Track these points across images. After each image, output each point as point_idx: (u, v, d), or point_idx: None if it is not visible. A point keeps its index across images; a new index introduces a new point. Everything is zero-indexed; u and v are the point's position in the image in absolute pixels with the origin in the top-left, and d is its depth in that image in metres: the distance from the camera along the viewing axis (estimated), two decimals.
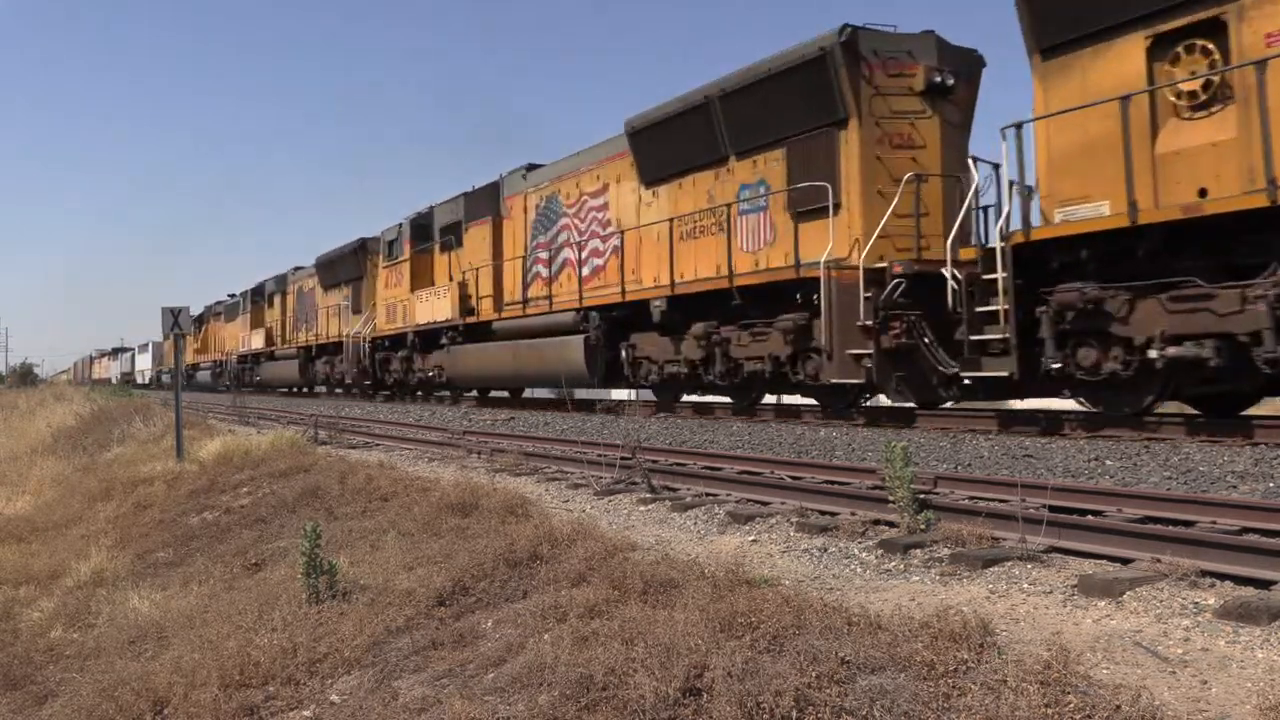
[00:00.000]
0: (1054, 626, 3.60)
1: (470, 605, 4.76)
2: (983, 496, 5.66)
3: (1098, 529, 4.66)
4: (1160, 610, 3.65)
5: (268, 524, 8.49)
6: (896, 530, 5.14)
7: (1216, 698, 2.85)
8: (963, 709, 2.76)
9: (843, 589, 4.30)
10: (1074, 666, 2.91)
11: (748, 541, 5.44)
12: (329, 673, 4.43)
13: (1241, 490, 6.06)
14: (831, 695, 2.94)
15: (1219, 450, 7.68)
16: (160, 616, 6.62)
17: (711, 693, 3.08)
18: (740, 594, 3.86)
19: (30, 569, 9.91)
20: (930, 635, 3.22)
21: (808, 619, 3.49)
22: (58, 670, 6.41)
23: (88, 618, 7.59)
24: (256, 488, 10.18)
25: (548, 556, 5.03)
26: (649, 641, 3.48)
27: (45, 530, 12.31)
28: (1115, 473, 6.94)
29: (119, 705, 4.82)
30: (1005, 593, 4.08)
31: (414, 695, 3.86)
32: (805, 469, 7.31)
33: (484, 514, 6.32)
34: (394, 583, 5.23)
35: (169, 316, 14.14)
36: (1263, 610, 3.43)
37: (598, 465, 8.07)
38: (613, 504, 6.92)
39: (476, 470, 9.07)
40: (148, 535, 10.09)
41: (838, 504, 5.91)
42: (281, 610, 5.26)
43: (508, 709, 3.44)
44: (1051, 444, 8.69)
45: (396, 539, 6.26)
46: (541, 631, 4.03)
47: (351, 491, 8.42)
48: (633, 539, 5.48)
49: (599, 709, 3.22)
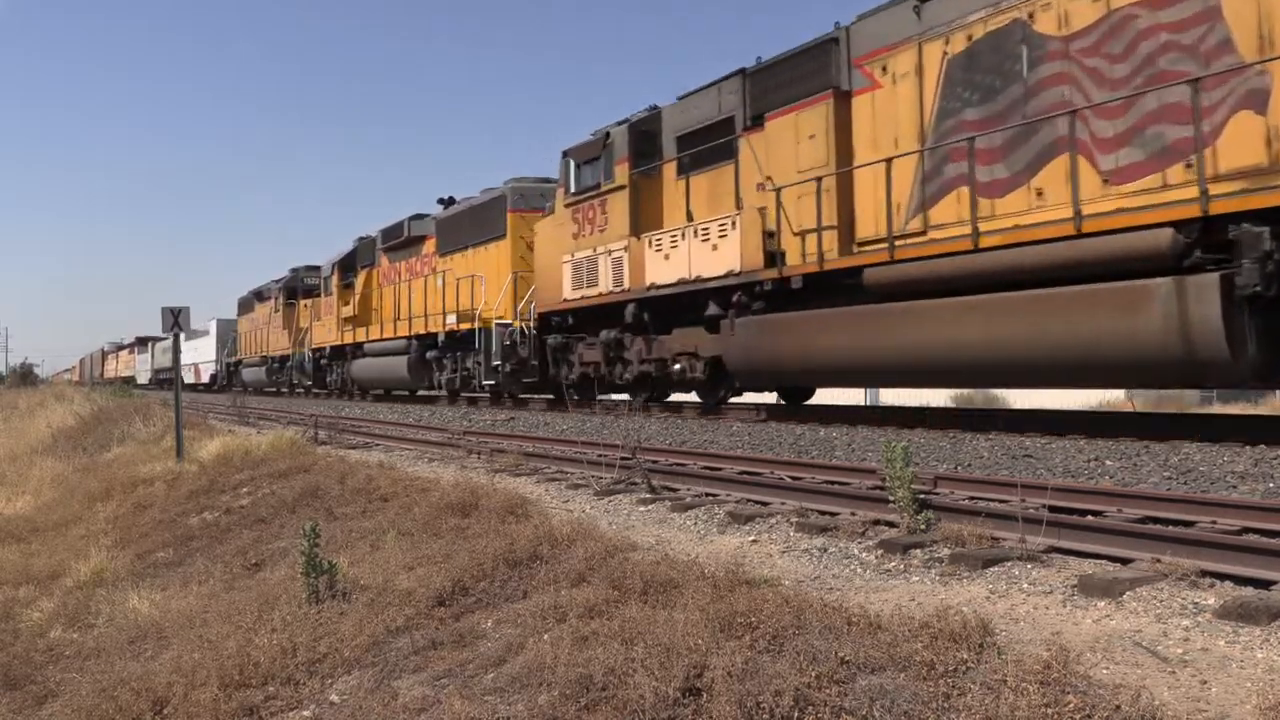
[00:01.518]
0: (1054, 626, 3.60)
1: (470, 605, 4.77)
2: (983, 496, 5.66)
3: (1098, 529, 4.66)
4: (1160, 610, 3.65)
5: (268, 524, 8.50)
6: (896, 530, 5.14)
7: (1216, 698, 2.85)
8: (962, 709, 2.76)
9: (843, 589, 4.30)
10: (1074, 666, 2.91)
11: (748, 541, 5.44)
12: (329, 673, 4.43)
13: (1241, 490, 6.06)
14: (831, 695, 2.94)
15: (1219, 450, 7.68)
16: (160, 616, 6.62)
17: (711, 693, 3.09)
18: (740, 594, 3.86)
19: (30, 569, 9.92)
20: (930, 635, 3.22)
21: (808, 619, 3.49)
22: (57, 670, 6.40)
23: (87, 618, 7.59)
24: (256, 488, 10.19)
25: (548, 556, 5.03)
26: (649, 641, 3.48)
27: (45, 530, 12.32)
28: (1115, 473, 6.94)
29: (119, 705, 4.82)
30: (1005, 593, 4.08)
31: (414, 695, 3.87)
32: (805, 469, 7.31)
33: (484, 514, 6.32)
34: (394, 583, 5.23)
35: (169, 316, 14.14)
36: (1263, 610, 3.43)
37: (598, 465, 8.07)
38: (612, 504, 6.92)
39: (476, 470, 9.08)
40: (147, 535, 10.10)
41: (838, 504, 5.91)
42: (281, 610, 5.26)
43: (508, 709, 3.44)
44: (1051, 444, 8.69)
45: (396, 539, 6.26)
46: (541, 631, 4.03)
47: (351, 491, 8.43)
48: (633, 539, 5.49)
49: (599, 709, 3.22)
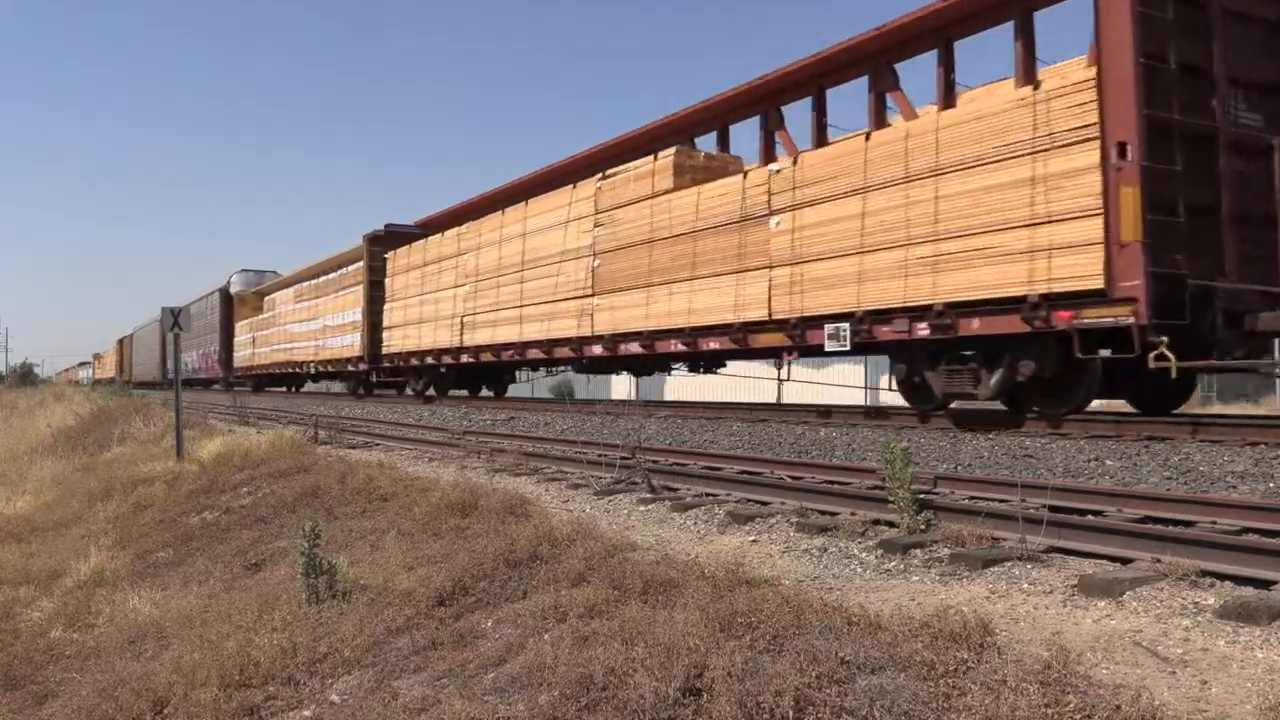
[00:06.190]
0: (1054, 626, 3.60)
1: (470, 605, 4.76)
2: (983, 496, 5.66)
3: (1098, 529, 4.66)
4: (1160, 610, 3.65)
5: (268, 524, 8.49)
6: (896, 530, 5.14)
7: (1216, 698, 2.85)
8: (962, 709, 2.76)
9: (843, 589, 4.30)
10: (1074, 666, 2.91)
11: (748, 541, 5.44)
12: (329, 673, 4.43)
13: (1241, 490, 6.06)
14: (831, 695, 2.94)
15: (1219, 450, 7.68)
16: (160, 616, 6.62)
17: (711, 693, 3.08)
18: (740, 594, 3.86)
19: (30, 569, 9.91)
20: (930, 635, 3.22)
21: (807, 619, 3.48)
22: (58, 670, 6.41)
23: (88, 618, 7.59)
24: (256, 488, 10.18)
25: (548, 556, 5.02)
26: (649, 641, 3.48)
27: (45, 530, 12.31)
28: (1115, 473, 6.94)
29: (119, 705, 4.81)
30: (1005, 593, 4.08)
31: (414, 695, 3.86)
32: (805, 469, 7.31)
33: (484, 514, 6.32)
34: (394, 583, 5.23)
35: (169, 316, 14.16)
36: (1263, 610, 3.44)
37: (598, 465, 8.07)
38: (613, 504, 6.91)
39: (476, 470, 9.07)
40: (148, 535, 10.09)
41: (838, 504, 5.91)
42: (281, 610, 5.26)
43: (508, 709, 3.43)
44: (1051, 444, 8.69)
45: (396, 539, 6.26)
46: (541, 631, 4.03)
47: (351, 491, 8.42)
48: (633, 539, 5.49)
49: (599, 709, 3.22)
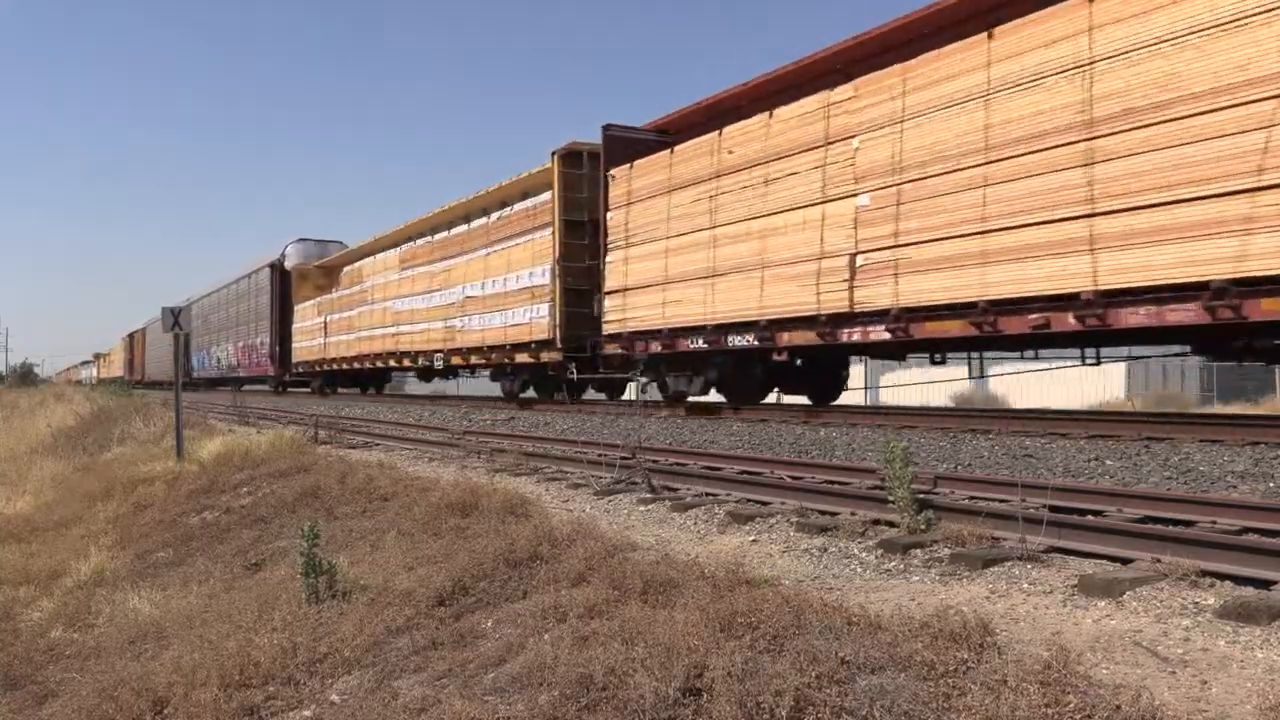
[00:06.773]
0: (1054, 626, 3.59)
1: (470, 605, 4.76)
2: (983, 496, 5.66)
3: (1098, 529, 4.66)
4: (1160, 610, 3.65)
5: (268, 524, 8.49)
6: (896, 530, 5.14)
7: (1216, 698, 2.85)
8: (963, 709, 2.76)
9: (843, 589, 4.30)
10: (1074, 666, 2.91)
11: (748, 541, 5.44)
12: (329, 673, 4.43)
13: (1241, 490, 6.06)
14: (831, 695, 2.94)
15: (1219, 450, 7.68)
16: (160, 616, 6.61)
17: (711, 693, 3.08)
18: (740, 594, 3.86)
19: (30, 569, 9.91)
20: (930, 635, 3.22)
21: (807, 619, 3.48)
22: (58, 670, 6.40)
23: (88, 618, 7.58)
24: (256, 488, 10.18)
25: (548, 556, 5.02)
26: (649, 641, 3.48)
27: (45, 530, 12.30)
28: (1115, 473, 6.94)
29: (119, 705, 4.81)
30: (1005, 593, 4.08)
31: (414, 695, 3.86)
32: (805, 469, 7.31)
33: (484, 514, 6.32)
34: (394, 583, 5.22)
35: (169, 316, 14.16)
36: (1263, 610, 3.43)
37: (598, 465, 8.07)
38: (613, 504, 6.91)
39: (476, 470, 9.07)
40: (148, 535, 10.09)
41: (838, 504, 5.91)
42: (281, 610, 5.26)
43: (508, 709, 3.43)
44: (1052, 444, 8.69)
45: (396, 539, 6.26)
46: (541, 631, 4.03)
47: (351, 491, 8.42)
48: (633, 539, 5.48)
49: (599, 709, 3.22)
